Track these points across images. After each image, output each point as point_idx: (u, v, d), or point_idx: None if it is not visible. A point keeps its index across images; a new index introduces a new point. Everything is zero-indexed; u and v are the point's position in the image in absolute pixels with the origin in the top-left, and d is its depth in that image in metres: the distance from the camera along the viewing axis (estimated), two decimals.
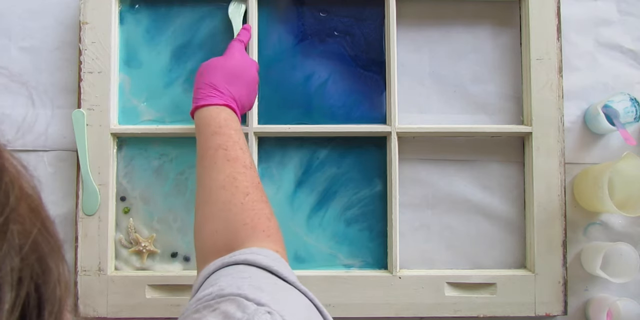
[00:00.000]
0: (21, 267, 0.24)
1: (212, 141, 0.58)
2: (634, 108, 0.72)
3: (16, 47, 0.76)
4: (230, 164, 0.56)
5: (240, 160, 0.57)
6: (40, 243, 0.27)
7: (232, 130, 0.59)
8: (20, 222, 0.26)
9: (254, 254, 0.47)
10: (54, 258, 0.27)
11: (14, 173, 0.27)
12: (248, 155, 0.58)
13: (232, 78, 0.64)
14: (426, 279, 0.71)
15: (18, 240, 0.25)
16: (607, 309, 0.70)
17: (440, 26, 0.77)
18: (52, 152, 0.75)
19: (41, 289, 0.26)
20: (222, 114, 0.60)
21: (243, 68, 0.66)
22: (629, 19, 0.78)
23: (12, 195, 0.25)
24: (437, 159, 0.76)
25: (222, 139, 0.58)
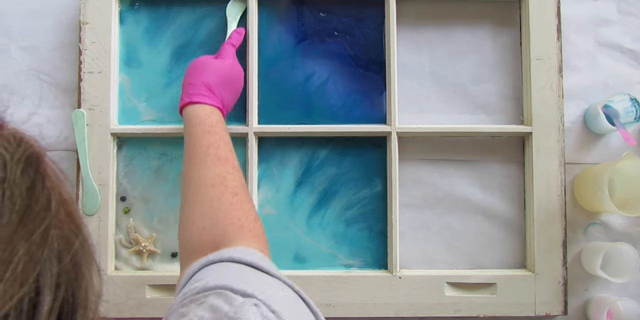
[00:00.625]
0: (59, 272, 0.25)
1: (204, 139, 0.58)
2: (634, 108, 0.72)
3: (16, 47, 0.76)
4: (221, 163, 0.56)
5: (230, 160, 0.57)
6: (77, 249, 0.27)
7: (223, 131, 0.59)
8: (60, 227, 0.26)
9: (239, 253, 0.47)
10: (88, 264, 0.28)
11: (54, 179, 0.28)
12: (236, 158, 0.59)
13: (225, 82, 0.64)
14: (426, 279, 0.71)
15: (57, 245, 0.25)
16: (607, 309, 0.70)
17: (440, 26, 0.77)
18: (52, 152, 0.75)
19: (75, 294, 0.26)
20: (214, 114, 0.61)
21: (235, 74, 0.67)
22: (629, 19, 0.78)
23: (54, 201, 0.26)
24: (437, 159, 0.76)
25: (214, 138, 0.58)
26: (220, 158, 0.56)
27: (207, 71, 0.64)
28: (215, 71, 0.64)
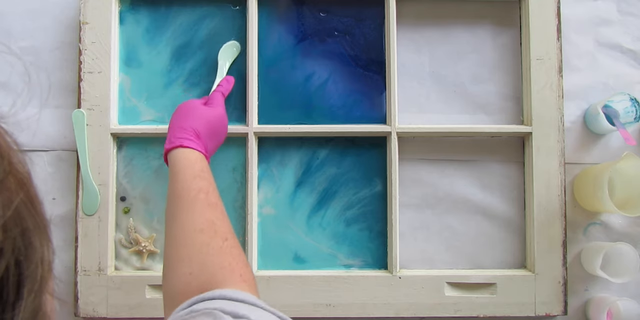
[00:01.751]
0: (2, 239, 0.24)
1: (193, 183, 0.57)
2: (634, 108, 0.72)
3: (16, 47, 0.76)
4: (211, 209, 0.55)
5: (219, 207, 0.56)
6: (24, 217, 0.26)
7: (211, 177, 0.59)
8: (6, 194, 0.25)
9: (231, 292, 0.46)
10: (39, 236, 0.27)
11: (4, 147, 0.27)
12: (223, 205, 0.58)
13: (212, 131, 0.64)
14: (426, 279, 0.71)
15: (2, 211, 0.25)
16: (607, 309, 0.70)
17: (440, 26, 0.77)
18: (52, 152, 0.75)
19: (22, 265, 0.25)
20: (202, 160, 0.60)
21: (222, 124, 0.66)
22: (629, 19, 0.78)
23: (1, 168, 0.25)
24: (437, 159, 0.76)
25: (204, 183, 0.57)
26: (210, 203, 0.55)
27: (197, 117, 0.63)
28: (205, 118, 0.64)
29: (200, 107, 0.65)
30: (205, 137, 0.63)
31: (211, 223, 0.54)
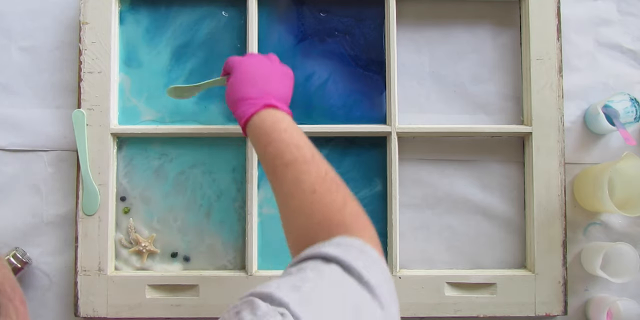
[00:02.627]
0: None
1: (267, 154, 0.56)
2: (634, 108, 0.72)
3: (16, 47, 0.76)
4: (290, 169, 0.54)
5: (298, 160, 0.54)
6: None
7: (282, 131, 0.57)
8: None
9: (325, 246, 0.45)
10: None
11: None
12: (307, 149, 0.55)
13: (261, 76, 0.62)
14: (426, 279, 0.71)
15: None
16: (607, 309, 0.70)
17: (440, 26, 0.77)
18: (52, 152, 0.75)
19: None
20: (267, 119, 0.58)
21: (265, 64, 0.64)
22: (629, 19, 0.78)
23: None
24: (437, 159, 0.76)
25: (274, 147, 0.56)
26: (287, 164, 0.55)
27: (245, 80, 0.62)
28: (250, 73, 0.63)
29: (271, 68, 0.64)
30: (257, 87, 0.61)
31: (295, 182, 0.53)
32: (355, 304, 0.40)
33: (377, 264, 0.45)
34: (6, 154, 0.75)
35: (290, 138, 0.56)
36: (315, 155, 0.55)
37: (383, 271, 0.45)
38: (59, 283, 0.74)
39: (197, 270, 0.73)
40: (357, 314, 0.39)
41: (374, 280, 0.42)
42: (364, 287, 0.42)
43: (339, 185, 0.54)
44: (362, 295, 0.41)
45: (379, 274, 0.44)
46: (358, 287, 0.42)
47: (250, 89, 0.60)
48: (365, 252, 0.46)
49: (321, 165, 0.55)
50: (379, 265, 0.45)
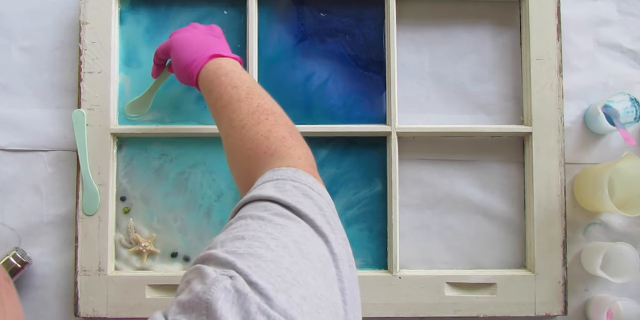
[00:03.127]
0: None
1: (210, 101, 0.58)
2: (634, 108, 0.72)
3: (16, 47, 0.76)
4: (225, 110, 0.55)
5: (233, 99, 0.55)
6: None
7: (222, 75, 0.58)
8: None
9: (257, 189, 0.45)
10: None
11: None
12: (243, 88, 0.56)
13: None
14: (426, 279, 0.71)
15: None
16: (607, 309, 0.70)
17: (440, 26, 0.77)
18: (52, 152, 0.75)
19: None
20: (210, 69, 0.60)
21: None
22: (629, 19, 0.78)
23: None
24: (437, 159, 0.76)
25: (215, 92, 0.57)
26: (224, 105, 0.56)
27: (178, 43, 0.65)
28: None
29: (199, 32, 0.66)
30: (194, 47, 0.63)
31: (229, 121, 0.54)
32: (296, 241, 0.39)
33: (309, 193, 0.44)
34: (6, 154, 0.75)
35: (229, 80, 0.57)
36: (252, 92, 0.56)
37: (318, 198, 0.44)
38: (59, 283, 0.74)
39: None
40: (301, 251, 0.38)
41: (310, 213, 0.42)
42: (303, 221, 0.41)
43: (268, 114, 0.54)
44: (304, 229, 0.40)
45: (312, 206, 0.43)
46: (298, 223, 0.41)
47: (188, 54, 0.62)
48: (297, 179, 0.45)
49: (255, 99, 0.55)
50: (313, 193, 0.44)
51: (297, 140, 0.52)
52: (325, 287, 0.36)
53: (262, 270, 0.34)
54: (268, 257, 0.36)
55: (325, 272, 0.38)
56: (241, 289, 0.32)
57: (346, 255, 0.42)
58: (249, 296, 0.32)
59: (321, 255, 0.39)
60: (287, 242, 0.38)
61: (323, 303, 0.35)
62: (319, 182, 0.48)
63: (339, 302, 0.37)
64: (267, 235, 0.38)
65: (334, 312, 0.36)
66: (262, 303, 0.32)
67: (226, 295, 0.32)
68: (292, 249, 0.37)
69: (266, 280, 0.33)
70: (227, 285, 0.33)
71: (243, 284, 0.33)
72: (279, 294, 0.33)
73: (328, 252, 0.40)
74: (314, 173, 0.49)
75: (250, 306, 0.31)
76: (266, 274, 0.34)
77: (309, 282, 0.35)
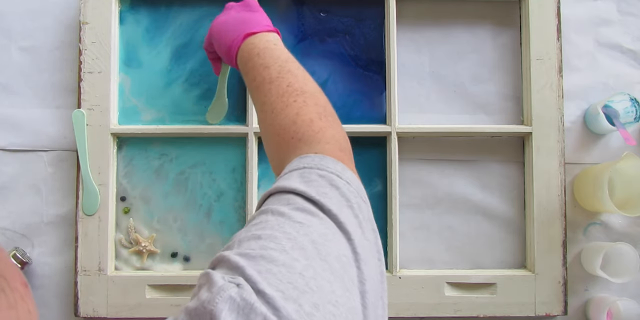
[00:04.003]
0: None
1: (247, 82, 0.56)
2: (634, 108, 0.72)
3: (16, 47, 0.76)
4: (258, 92, 0.53)
5: (265, 81, 0.53)
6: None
7: (255, 56, 0.56)
8: None
9: (283, 178, 0.43)
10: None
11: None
12: (274, 67, 0.53)
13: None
14: (426, 279, 0.71)
15: None
16: (607, 309, 0.70)
17: (440, 26, 0.77)
18: (52, 152, 0.75)
19: None
20: (244, 49, 0.57)
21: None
22: (629, 19, 0.78)
23: None
24: (437, 159, 0.76)
25: (250, 74, 0.55)
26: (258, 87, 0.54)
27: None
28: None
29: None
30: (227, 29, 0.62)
31: (261, 105, 0.52)
32: (314, 241, 0.36)
33: (336, 182, 0.42)
34: (6, 154, 0.75)
35: (261, 60, 0.55)
36: (284, 70, 0.53)
37: (346, 187, 0.42)
38: (59, 283, 0.74)
39: (197, 270, 0.73)
40: (319, 252, 0.36)
41: (335, 207, 0.39)
42: (326, 217, 0.39)
43: (297, 95, 0.50)
44: (326, 226, 0.38)
45: (338, 197, 0.40)
46: (320, 219, 0.39)
47: (224, 40, 0.60)
48: (324, 168, 0.43)
49: (286, 79, 0.52)
50: (340, 183, 0.42)
51: (326, 122, 0.49)
52: (343, 292, 0.34)
53: (273, 276, 0.33)
54: (280, 261, 0.34)
55: (344, 274, 0.35)
56: (247, 299, 0.31)
57: (374, 249, 0.40)
58: (255, 306, 0.30)
59: (342, 255, 0.37)
60: (304, 242, 0.36)
61: (338, 310, 0.33)
62: (349, 169, 0.45)
63: (358, 306, 0.35)
64: (284, 235, 0.36)
65: (351, 318, 0.34)
66: (268, 314, 0.30)
67: (231, 306, 0.31)
68: (308, 250, 0.35)
69: (275, 288, 0.32)
70: (233, 294, 0.31)
71: (250, 293, 0.31)
72: (288, 303, 0.31)
73: (350, 252, 0.38)
74: (343, 158, 0.46)
75: (256, 318, 0.30)
76: (276, 281, 0.32)
77: (324, 288, 0.33)
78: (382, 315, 0.38)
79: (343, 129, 0.51)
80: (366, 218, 0.42)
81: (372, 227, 0.42)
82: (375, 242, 0.41)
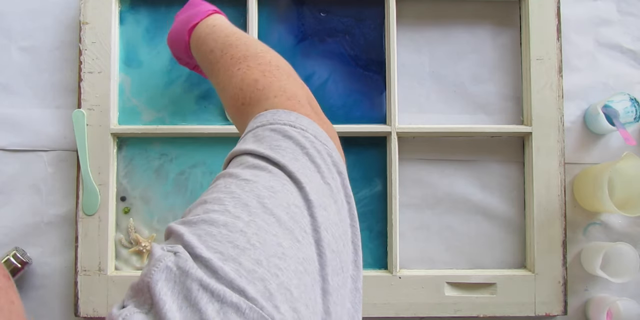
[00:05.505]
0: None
1: (204, 71, 0.57)
2: (634, 108, 0.72)
3: (16, 47, 0.76)
4: (212, 77, 0.53)
5: (213, 65, 0.53)
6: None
7: (201, 46, 0.56)
8: None
9: (239, 143, 0.42)
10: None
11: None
12: (217, 47, 0.53)
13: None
14: (426, 279, 0.71)
15: None
16: (607, 309, 0.70)
17: (440, 26, 0.77)
18: (52, 152, 0.75)
19: None
20: (192, 44, 0.58)
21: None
22: (629, 19, 0.78)
23: None
24: (437, 159, 0.76)
25: (202, 64, 0.56)
26: (212, 67, 0.54)
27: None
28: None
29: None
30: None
31: (216, 85, 0.52)
32: (259, 195, 0.35)
33: (290, 133, 0.40)
34: (6, 154, 0.75)
35: (205, 47, 0.55)
36: (226, 47, 0.52)
37: (300, 135, 0.40)
38: (59, 283, 0.74)
39: None
40: (264, 206, 0.34)
41: (287, 158, 0.38)
42: (277, 169, 0.37)
43: (240, 63, 0.50)
44: (275, 179, 0.37)
45: (292, 147, 0.39)
46: (269, 173, 0.37)
47: (178, 45, 0.61)
48: (276, 121, 0.41)
49: (228, 53, 0.52)
50: (294, 132, 0.40)
51: (272, 76, 0.47)
52: (292, 243, 0.33)
53: (212, 238, 0.31)
54: (221, 222, 0.32)
55: (294, 225, 0.34)
56: (183, 266, 0.30)
57: (341, 192, 0.38)
58: (190, 272, 0.29)
59: (291, 205, 0.35)
60: (248, 199, 0.34)
61: (285, 262, 0.31)
62: (304, 115, 0.43)
63: (312, 255, 0.33)
64: (229, 195, 0.35)
65: (302, 269, 0.32)
66: (205, 278, 0.29)
67: (167, 275, 0.29)
68: (252, 206, 0.34)
69: (214, 250, 0.30)
70: (170, 264, 0.30)
71: (185, 260, 0.30)
72: (227, 263, 0.30)
73: (302, 200, 0.36)
74: (295, 105, 0.44)
75: (192, 284, 0.29)
76: (215, 242, 0.31)
77: (268, 242, 0.32)
78: (355, 260, 0.37)
79: (296, 78, 0.49)
80: (328, 161, 0.40)
81: (337, 169, 0.40)
82: (343, 183, 0.39)
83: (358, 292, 0.37)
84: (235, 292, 0.29)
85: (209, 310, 0.28)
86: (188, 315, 0.28)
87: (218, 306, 0.28)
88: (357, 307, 0.37)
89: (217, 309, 0.28)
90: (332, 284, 0.34)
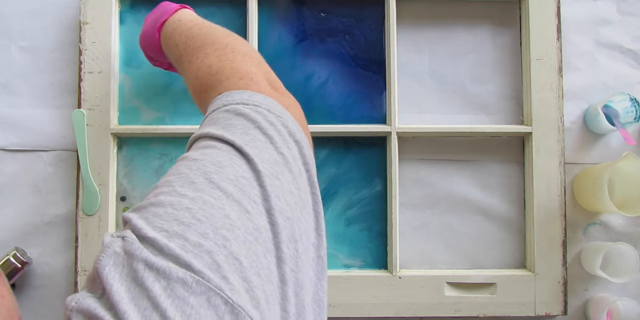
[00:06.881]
0: None
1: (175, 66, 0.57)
2: (634, 108, 0.72)
3: (16, 47, 0.76)
4: (180, 70, 0.53)
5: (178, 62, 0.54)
6: None
7: (170, 45, 0.56)
8: None
9: (199, 128, 0.41)
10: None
11: None
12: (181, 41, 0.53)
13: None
14: (426, 278, 0.71)
15: None
16: (607, 309, 0.70)
17: (440, 26, 0.77)
18: (52, 152, 0.75)
19: None
20: (163, 30, 0.58)
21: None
22: (629, 19, 0.78)
23: None
24: (437, 159, 0.76)
25: (172, 61, 0.56)
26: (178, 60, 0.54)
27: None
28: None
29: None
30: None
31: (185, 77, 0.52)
32: (206, 172, 0.35)
33: (242, 110, 0.40)
34: (6, 154, 0.75)
35: (171, 42, 0.55)
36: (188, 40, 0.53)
37: (253, 111, 0.40)
38: (59, 283, 0.74)
39: None
40: (211, 181, 0.34)
41: (236, 135, 0.38)
42: (226, 146, 0.37)
43: (198, 52, 0.50)
44: (223, 154, 0.37)
45: (243, 123, 0.39)
46: (218, 149, 0.37)
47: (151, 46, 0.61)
48: (229, 102, 0.42)
49: (190, 46, 0.52)
50: (246, 109, 0.40)
51: (226, 60, 0.47)
52: (241, 214, 0.33)
53: (158, 218, 0.32)
54: (167, 202, 0.33)
55: (242, 196, 0.34)
56: (129, 249, 0.30)
57: (298, 160, 0.38)
58: (136, 254, 0.29)
59: (239, 177, 0.35)
60: (195, 176, 0.34)
61: (233, 233, 0.31)
62: (260, 92, 0.43)
63: (264, 224, 0.33)
64: (176, 176, 0.35)
65: (252, 239, 0.32)
66: (150, 257, 0.29)
67: (115, 260, 0.30)
68: (198, 183, 0.34)
69: (159, 229, 0.31)
70: (117, 249, 0.30)
71: (131, 243, 0.30)
72: (172, 240, 0.30)
73: (250, 172, 0.36)
74: (248, 83, 0.44)
75: (138, 264, 0.29)
76: (161, 222, 0.31)
77: (214, 215, 0.32)
78: (316, 227, 0.37)
79: (252, 56, 0.49)
80: (283, 132, 0.40)
81: (294, 139, 0.40)
82: (300, 151, 0.40)
83: (321, 259, 0.37)
84: (181, 267, 0.29)
85: (155, 287, 0.28)
86: (136, 295, 0.28)
87: (165, 283, 0.28)
88: (320, 275, 0.37)
89: (164, 286, 0.28)
90: (286, 252, 0.34)
